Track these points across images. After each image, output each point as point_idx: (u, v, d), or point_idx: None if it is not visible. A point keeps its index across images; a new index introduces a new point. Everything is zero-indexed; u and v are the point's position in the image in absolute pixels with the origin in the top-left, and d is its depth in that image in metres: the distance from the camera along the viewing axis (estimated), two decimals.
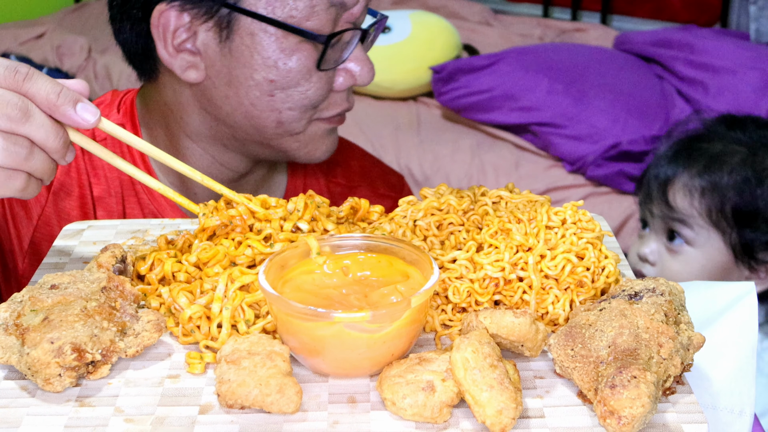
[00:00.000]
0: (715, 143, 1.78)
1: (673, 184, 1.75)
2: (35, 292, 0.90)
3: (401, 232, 1.04)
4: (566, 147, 2.88)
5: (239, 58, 1.23)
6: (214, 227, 1.01)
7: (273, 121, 1.27)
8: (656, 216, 1.77)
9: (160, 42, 1.25)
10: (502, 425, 0.77)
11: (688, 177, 1.74)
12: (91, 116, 0.95)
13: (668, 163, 1.78)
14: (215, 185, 1.04)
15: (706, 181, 1.73)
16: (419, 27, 3.33)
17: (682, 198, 1.74)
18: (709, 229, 1.73)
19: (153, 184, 1.04)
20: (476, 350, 0.80)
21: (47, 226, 1.34)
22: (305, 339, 0.85)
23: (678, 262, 1.76)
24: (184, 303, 0.93)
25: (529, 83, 2.97)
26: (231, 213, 1.01)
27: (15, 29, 3.91)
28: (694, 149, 1.78)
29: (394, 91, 3.30)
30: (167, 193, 1.04)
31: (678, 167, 1.76)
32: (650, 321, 0.84)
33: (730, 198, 1.71)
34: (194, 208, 1.04)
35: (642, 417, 0.77)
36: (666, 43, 3.15)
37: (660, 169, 1.79)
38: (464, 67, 3.07)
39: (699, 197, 1.73)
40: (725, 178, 1.72)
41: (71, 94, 0.94)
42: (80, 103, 0.94)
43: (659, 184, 1.78)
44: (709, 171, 1.74)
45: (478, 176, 2.90)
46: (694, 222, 1.73)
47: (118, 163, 1.03)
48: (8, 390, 0.85)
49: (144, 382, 0.86)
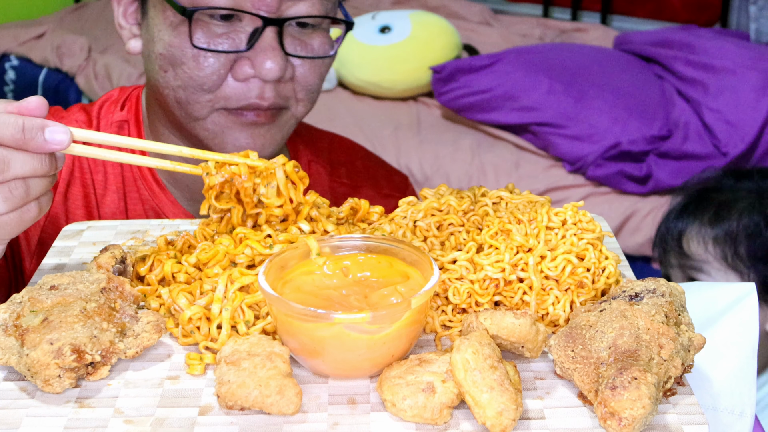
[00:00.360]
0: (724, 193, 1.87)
1: (686, 234, 1.83)
2: (35, 293, 0.90)
3: (401, 232, 1.03)
4: (566, 147, 2.88)
5: (147, 30, 1.28)
6: (220, 184, 1.01)
7: (172, 99, 1.28)
8: (674, 266, 1.85)
9: (117, 9, 1.33)
10: (503, 426, 0.77)
11: (699, 226, 1.82)
12: (63, 135, 0.94)
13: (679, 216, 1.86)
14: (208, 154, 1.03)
15: (718, 229, 1.80)
16: (419, 27, 3.33)
17: (696, 246, 1.81)
18: (727, 272, 1.80)
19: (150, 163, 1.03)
20: (476, 351, 0.80)
21: (54, 226, 1.34)
22: (305, 340, 0.84)
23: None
24: (183, 304, 0.93)
25: (529, 83, 2.97)
26: (233, 169, 1.01)
27: (15, 29, 3.91)
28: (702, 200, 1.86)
29: (394, 91, 3.30)
30: (165, 165, 1.03)
31: (689, 218, 1.84)
32: (651, 322, 0.84)
33: (741, 242, 1.78)
34: (197, 171, 1.02)
35: (642, 418, 0.77)
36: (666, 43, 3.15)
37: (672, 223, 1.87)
38: (464, 67, 3.07)
39: (712, 244, 1.80)
40: (734, 224, 1.80)
41: (35, 122, 0.92)
42: (47, 128, 0.93)
43: (673, 237, 1.86)
44: (718, 219, 1.81)
45: (478, 176, 2.90)
46: (711, 267, 1.80)
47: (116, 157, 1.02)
48: (8, 391, 0.85)
49: (144, 383, 0.86)
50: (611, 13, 4.31)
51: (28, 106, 0.94)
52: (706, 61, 2.98)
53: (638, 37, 3.31)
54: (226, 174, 1.01)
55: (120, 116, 1.40)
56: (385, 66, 3.24)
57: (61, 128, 0.94)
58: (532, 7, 4.49)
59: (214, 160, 1.02)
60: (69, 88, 3.59)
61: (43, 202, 0.97)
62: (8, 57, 3.76)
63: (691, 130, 2.86)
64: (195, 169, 1.02)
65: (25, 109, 0.94)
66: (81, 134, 0.98)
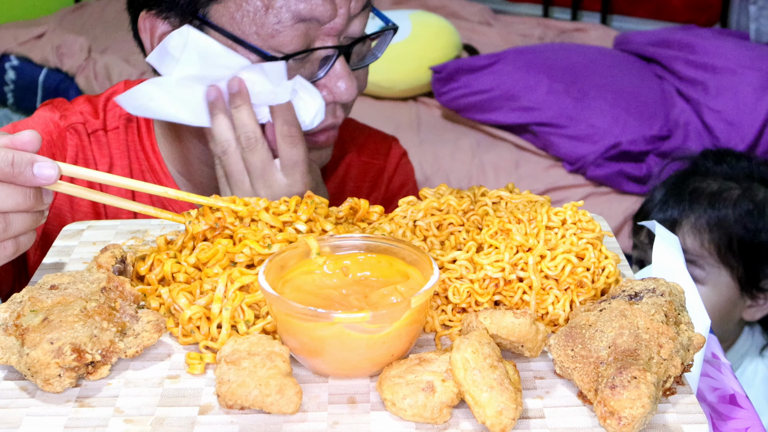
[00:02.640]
0: (710, 181, 1.87)
1: (681, 226, 1.83)
2: (35, 293, 0.90)
3: (401, 232, 1.04)
4: (566, 147, 2.88)
5: None
6: (202, 232, 1.02)
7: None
8: None
9: (146, 45, 1.29)
10: (502, 426, 0.77)
11: (694, 218, 1.82)
12: (51, 170, 0.95)
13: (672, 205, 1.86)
14: (192, 197, 1.04)
15: (713, 220, 1.81)
16: (419, 27, 3.33)
17: (692, 239, 1.82)
18: (719, 267, 1.81)
19: (135, 208, 1.05)
20: (476, 351, 0.80)
21: (58, 218, 1.35)
22: (305, 339, 0.85)
23: None
24: (183, 303, 0.93)
25: (529, 83, 2.97)
26: (217, 215, 1.02)
27: (15, 29, 3.91)
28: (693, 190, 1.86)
29: (394, 91, 3.30)
30: (149, 211, 1.05)
31: (683, 209, 1.84)
32: (650, 321, 0.84)
33: (736, 232, 1.80)
34: (180, 219, 1.04)
35: (642, 417, 0.77)
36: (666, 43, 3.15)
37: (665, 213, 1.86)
38: (464, 67, 3.07)
39: (708, 235, 1.81)
40: (729, 213, 1.81)
41: (24, 157, 0.94)
42: (36, 164, 0.95)
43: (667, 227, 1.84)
44: (713, 209, 1.82)
45: (478, 176, 2.90)
46: (704, 261, 1.81)
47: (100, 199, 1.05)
48: (8, 390, 0.85)
49: (144, 382, 0.86)
50: (611, 13, 4.31)
51: (22, 140, 0.96)
52: (706, 61, 2.98)
53: (638, 37, 3.31)
54: (210, 222, 1.02)
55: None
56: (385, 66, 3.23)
57: (50, 163, 0.95)
58: (532, 7, 4.49)
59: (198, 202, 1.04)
60: (69, 88, 3.59)
61: (22, 241, 0.98)
62: (8, 57, 3.76)
63: (691, 130, 2.86)
64: (178, 217, 1.04)
65: (19, 142, 0.95)
66: (69, 170, 1.00)
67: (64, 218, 1.34)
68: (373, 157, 1.56)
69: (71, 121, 1.38)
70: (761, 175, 1.89)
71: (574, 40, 3.76)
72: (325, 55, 1.25)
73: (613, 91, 2.94)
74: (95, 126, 1.38)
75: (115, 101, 1.39)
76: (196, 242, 1.02)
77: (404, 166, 1.61)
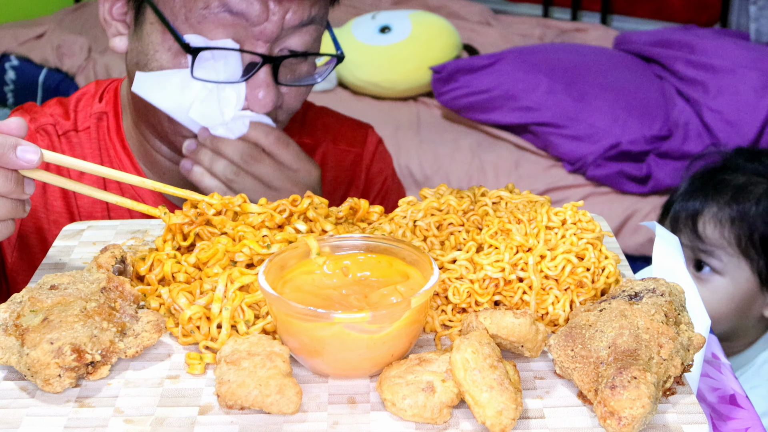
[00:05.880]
0: (738, 175, 1.87)
1: (703, 215, 1.83)
2: (35, 293, 0.90)
3: (401, 232, 1.04)
4: (566, 147, 2.88)
5: (142, 43, 1.28)
6: (179, 225, 1.02)
7: (162, 113, 1.28)
8: (684, 246, 1.84)
9: (103, 4, 1.32)
10: (502, 426, 0.77)
11: (717, 208, 1.82)
12: (33, 155, 0.97)
13: (696, 197, 1.86)
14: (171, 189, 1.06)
15: (735, 211, 1.81)
16: (419, 27, 3.33)
17: (712, 229, 1.81)
18: (739, 258, 1.81)
19: (111, 199, 1.07)
20: (476, 351, 0.80)
21: (33, 219, 1.35)
22: (305, 339, 0.84)
23: (707, 290, 1.82)
24: (183, 303, 0.93)
25: (529, 83, 2.97)
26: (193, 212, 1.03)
27: (15, 29, 3.91)
28: (718, 182, 1.87)
29: (394, 91, 3.30)
30: (125, 203, 1.06)
31: (706, 199, 1.84)
32: (650, 321, 0.84)
33: (758, 226, 1.80)
34: (154, 212, 1.06)
35: (642, 417, 0.77)
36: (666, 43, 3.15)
37: (688, 203, 1.86)
38: (464, 67, 3.07)
39: (729, 227, 1.80)
40: (752, 207, 1.81)
41: (8, 140, 0.96)
42: (19, 147, 0.97)
43: (688, 217, 1.86)
44: (737, 201, 1.82)
45: (478, 176, 2.90)
46: (724, 252, 1.81)
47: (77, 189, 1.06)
48: (8, 390, 0.85)
49: (144, 382, 0.86)
50: (611, 13, 4.31)
51: (8, 126, 0.98)
52: (706, 61, 2.98)
53: (638, 37, 3.31)
54: (187, 217, 1.03)
55: (98, 108, 1.41)
56: (385, 66, 3.24)
57: (33, 148, 0.98)
58: (532, 7, 4.49)
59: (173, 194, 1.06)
60: (69, 88, 3.59)
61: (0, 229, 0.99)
62: (8, 57, 3.76)
63: (691, 130, 2.86)
64: (152, 210, 1.06)
65: (5, 128, 0.98)
66: (51, 157, 1.02)
67: (39, 220, 1.35)
68: (351, 145, 1.57)
69: (41, 123, 1.39)
70: None
71: (574, 40, 3.76)
72: (251, 60, 1.25)
73: (613, 91, 2.94)
74: (66, 127, 1.39)
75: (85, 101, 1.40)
76: (174, 236, 1.03)
77: (382, 153, 1.61)
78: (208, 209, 1.03)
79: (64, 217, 1.36)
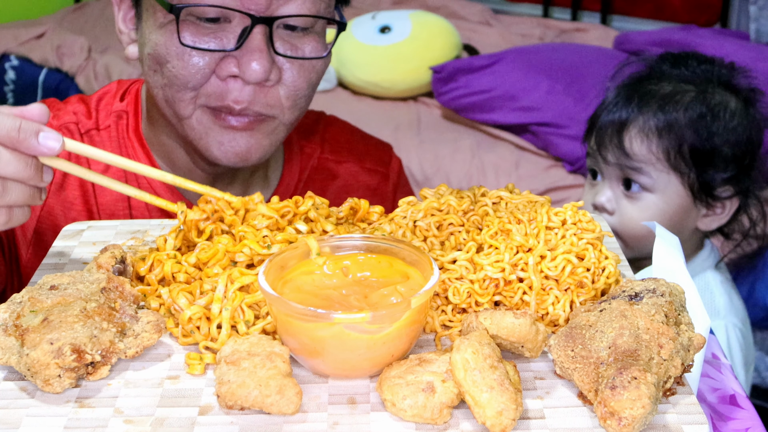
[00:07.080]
0: (664, 83, 1.76)
1: (629, 128, 1.72)
2: (35, 293, 0.90)
3: (401, 232, 1.04)
4: (566, 147, 2.88)
5: (141, 34, 1.29)
6: (196, 222, 1.02)
7: (161, 99, 1.28)
8: (611, 164, 1.74)
9: (117, 15, 1.33)
10: (503, 426, 0.77)
11: (643, 120, 1.71)
12: (55, 143, 0.97)
13: (621, 107, 1.74)
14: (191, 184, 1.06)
15: (662, 122, 1.70)
16: (419, 27, 3.33)
17: (639, 143, 1.71)
18: (669, 173, 1.71)
19: (130, 192, 1.06)
20: (476, 351, 0.80)
21: (51, 217, 1.35)
22: (305, 340, 0.84)
23: (637, 209, 1.73)
24: (183, 304, 0.93)
25: (529, 83, 2.97)
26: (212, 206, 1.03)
27: (15, 29, 3.91)
28: (644, 91, 1.75)
29: (394, 91, 3.30)
30: (144, 197, 1.06)
31: (631, 110, 1.73)
32: (650, 322, 0.84)
33: (687, 137, 1.69)
34: (173, 208, 1.05)
35: (642, 418, 0.77)
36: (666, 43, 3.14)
37: (613, 115, 1.75)
38: (464, 67, 3.07)
39: (656, 139, 1.70)
40: (681, 116, 1.70)
41: (31, 125, 0.96)
42: (42, 133, 0.96)
43: (614, 130, 1.74)
44: (664, 111, 1.71)
45: (478, 176, 2.90)
46: (653, 168, 1.71)
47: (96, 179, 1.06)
48: (8, 391, 0.85)
49: (144, 383, 0.86)
50: (611, 13, 4.31)
51: (31, 112, 0.97)
52: None
53: (638, 37, 3.31)
54: (204, 213, 1.03)
55: (119, 107, 1.41)
56: (385, 66, 3.24)
57: (55, 135, 0.97)
58: (532, 7, 4.49)
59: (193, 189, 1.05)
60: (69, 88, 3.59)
61: (15, 214, 0.98)
62: (8, 57, 3.76)
63: None
64: (170, 205, 1.05)
65: (28, 113, 0.97)
66: (73, 146, 1.01)
67: (56, 218, 1.35)
68: (376, 165, 1.56)
69: (64, 121, 1.39)
70: (722, 78, 1.77)
71: (574, 40, 3.76)
72: (244, 26, 1.21)
73: None
74: (88, 126, 1.39)
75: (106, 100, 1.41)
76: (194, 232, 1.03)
77: (404, 180, 1.61)
78: (227, 209, 1.03)
79: (83, 216, 1.36)
